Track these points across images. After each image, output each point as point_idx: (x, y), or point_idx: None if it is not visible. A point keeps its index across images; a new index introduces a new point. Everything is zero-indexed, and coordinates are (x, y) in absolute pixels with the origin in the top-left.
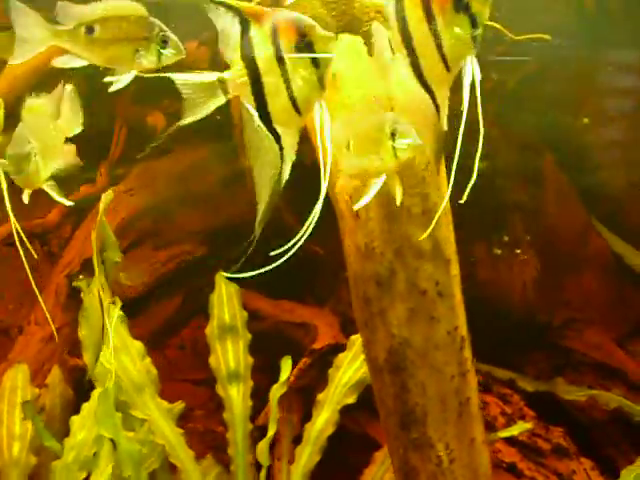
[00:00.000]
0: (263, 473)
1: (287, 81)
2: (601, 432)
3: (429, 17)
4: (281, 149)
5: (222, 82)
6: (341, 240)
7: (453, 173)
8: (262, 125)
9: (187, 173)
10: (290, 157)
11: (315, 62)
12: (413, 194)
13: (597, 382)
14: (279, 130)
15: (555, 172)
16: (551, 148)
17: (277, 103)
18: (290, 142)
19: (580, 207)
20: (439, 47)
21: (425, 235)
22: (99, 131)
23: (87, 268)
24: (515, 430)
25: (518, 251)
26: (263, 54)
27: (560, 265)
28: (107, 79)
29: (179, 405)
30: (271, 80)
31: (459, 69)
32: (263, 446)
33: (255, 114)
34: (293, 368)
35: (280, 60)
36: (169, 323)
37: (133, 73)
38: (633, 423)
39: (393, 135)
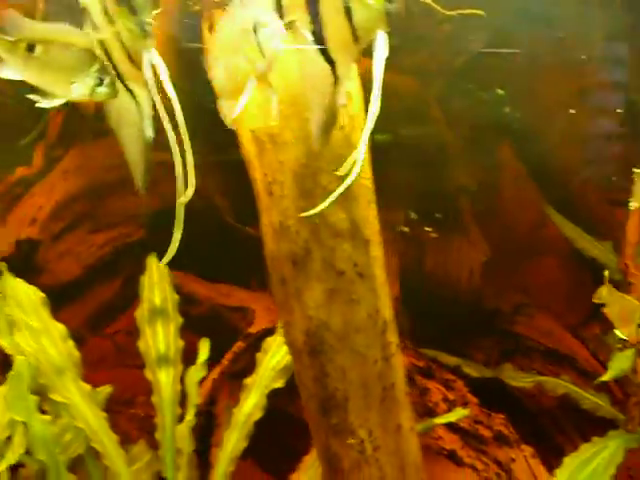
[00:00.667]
0: (184, 459)
1: (118, 35)
2: (549, 419)
3: None
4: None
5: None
6: None
7: (362, 148)
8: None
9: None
10: (147, 112)
11: (133, 10)
12: (329, 171)
13: (547, 368)
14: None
15: (509, 155)
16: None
17: (120, 59)
18: (142, 96)
19: (534, 190)
20: (348, 14)
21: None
22: (37, 112)
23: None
24: (452, 417)
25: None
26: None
27: (512, 250)
28: (32, 96)
29: (106, 389)
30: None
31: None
32: (183, 430)
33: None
34: (227, 352)
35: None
36: (107, 307)
37: (62, 100)
38: (581, 410)
39: (255, 31)
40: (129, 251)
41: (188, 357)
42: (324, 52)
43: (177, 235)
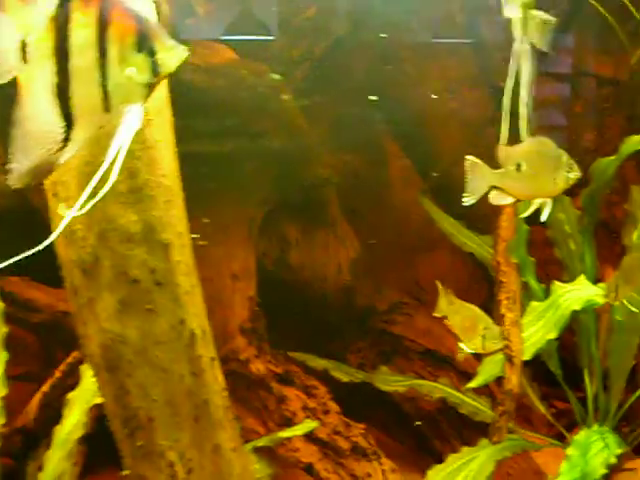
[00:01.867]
0: None
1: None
2: (429, 423)
3: (102, 38)
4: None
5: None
6: None
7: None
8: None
9: None
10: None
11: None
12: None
13: (426, 370)
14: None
15: (394, 149)
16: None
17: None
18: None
19: (416, 183)
20: (104, 79)
21: None
22: None
23: None
24: (298, 430)
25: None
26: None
27: (397, 246)
28: None
29: None
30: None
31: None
32: None
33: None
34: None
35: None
36: None
37: None
38: (460, 414)
39: None
40: None
41: None
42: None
43: None
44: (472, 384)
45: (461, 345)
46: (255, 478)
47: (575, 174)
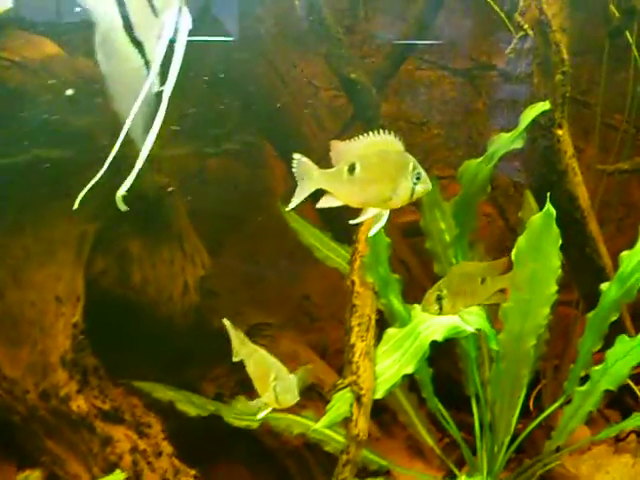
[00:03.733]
0: None
1: None
2: (295, 460)
3: None
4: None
5: None
6: None
7: None
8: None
9: None
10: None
11: None
12: None
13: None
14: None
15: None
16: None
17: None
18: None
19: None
20: None
21: None
22: None
23: None
24: None
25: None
26: None
27: (267, 259)
28: None
29: None
30: None
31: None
32: None
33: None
34: None
35: None
36: None
37: None
38: (325, 451)
39: None
40: None
41: None
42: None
43: None
44: (318, 425)
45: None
46: None
47: (423, 186)
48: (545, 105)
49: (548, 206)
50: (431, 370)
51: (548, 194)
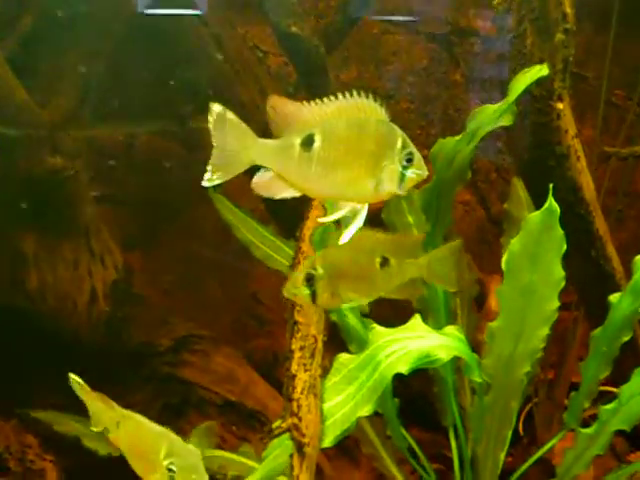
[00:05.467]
0: None
1: None
2: None
3: None
4: None
5: None
6: None
7: None
8: None
9: None
10: None
11: None
12: None
13: (229, 430)
14: None
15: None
16: None
17: None
18: None
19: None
20: None
21: None
22: None
23: None
24: None
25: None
26: None
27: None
28: None
29: None
30: None
31: None
32: None
33: None
34: None
35: None
36: None
37: None
38: None
39: None
40: None
41: None
42: None
43: None
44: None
45: None
46: None
47: (417, 172)
48: (542, 69)
49: (550, 201)
50: (397, 401)
51: (550, 185)
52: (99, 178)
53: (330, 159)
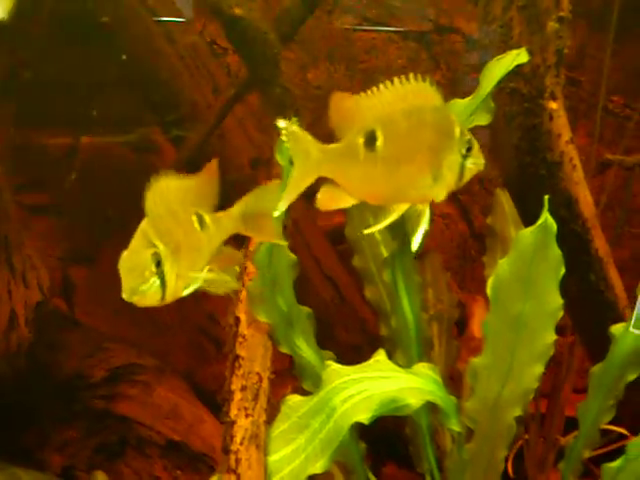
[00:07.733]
0: None
1: None
2: None
3: None
4: None
5: None
6: None
7: None
8: None
9: None
10: None
11: None
12: None
13: (174, 475)
14: None
15: None
16: None
17: None
18: None
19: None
20: None
21: None
22: None
23: None
24: None
25: None
26: None
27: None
28: None
29: None
30: None
31: None
32: None
33: None
34: None
35: None
36: None
37: None
38: None
39: None
40: None
41: None
42: None
43: None
44: None
45: None
46: None
47: (476, 162)
48: (521, 55)
49: (546, 216)
50: (363, 446)
51: (546, 197)
52: (34, 186)
53: (393, 155)
